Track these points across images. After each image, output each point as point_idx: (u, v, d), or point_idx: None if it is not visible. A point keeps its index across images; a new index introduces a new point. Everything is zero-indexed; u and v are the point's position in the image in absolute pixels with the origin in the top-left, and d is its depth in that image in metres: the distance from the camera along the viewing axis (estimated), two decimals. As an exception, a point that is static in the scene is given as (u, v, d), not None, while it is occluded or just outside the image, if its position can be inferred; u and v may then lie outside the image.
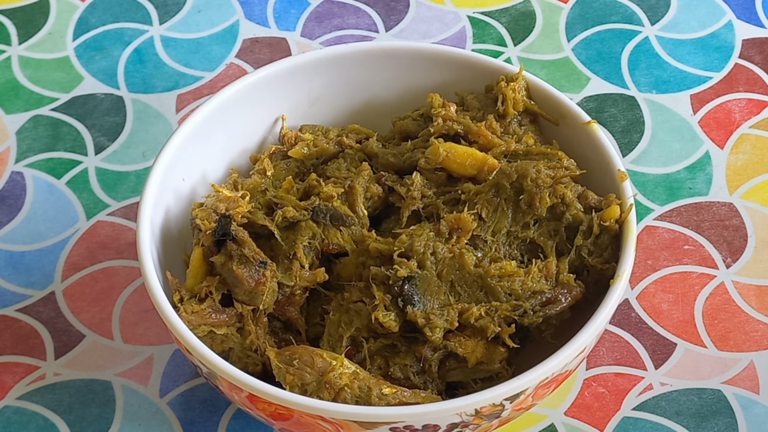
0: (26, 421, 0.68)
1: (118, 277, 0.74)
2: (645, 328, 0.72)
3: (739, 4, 0.89)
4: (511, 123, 0.68)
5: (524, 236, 0.64)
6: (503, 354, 0.61)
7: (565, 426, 0.68)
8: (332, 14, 0.90)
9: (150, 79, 0.86)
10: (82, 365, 0.71)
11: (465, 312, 0.61)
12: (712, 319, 0.72)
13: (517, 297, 0.62)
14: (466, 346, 0.61)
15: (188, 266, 0.64)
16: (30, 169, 0.80)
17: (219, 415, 0.69)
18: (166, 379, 0.70)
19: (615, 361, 0.70)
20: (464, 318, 0.61)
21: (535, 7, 0.90)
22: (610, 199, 0.64)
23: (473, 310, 0.61)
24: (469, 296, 0.62)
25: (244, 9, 0.90)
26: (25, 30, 0.89)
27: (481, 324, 0.61)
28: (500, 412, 0.59)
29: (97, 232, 0.77)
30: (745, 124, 0.82)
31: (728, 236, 0.76)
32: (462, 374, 0.63)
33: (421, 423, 0.57)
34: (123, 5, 0.90)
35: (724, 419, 0.68)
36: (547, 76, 0.85)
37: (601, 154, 0.66)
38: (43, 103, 0.84)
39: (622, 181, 0.64)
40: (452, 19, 0.89)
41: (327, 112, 0.73)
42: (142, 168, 0.80)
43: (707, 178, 0.79)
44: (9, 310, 0.73)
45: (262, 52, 0.87)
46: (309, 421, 0.58)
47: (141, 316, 0.73)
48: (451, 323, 0.61)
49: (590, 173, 0.66)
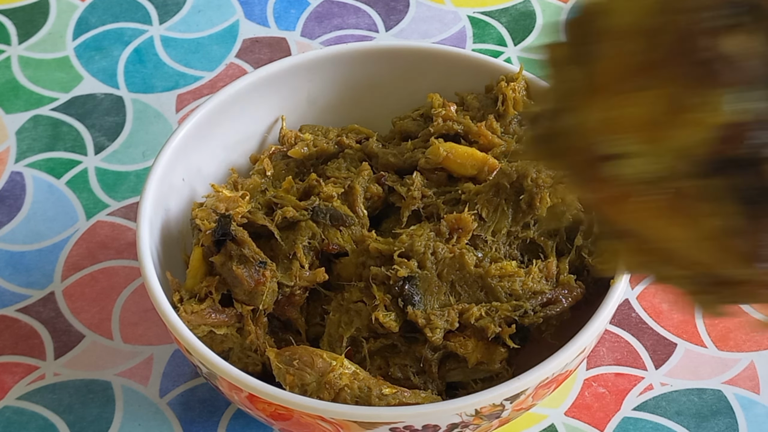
0: (26, 422, 0.68)
1: (118, 277, 0.74)
2: (645, 328, 0.72)
3: (740, 4, 0.89)
4: (511, 123, 0.68)
5: (524, 236, 0.64)
6: (503, 354, 0.61)
7: (566, 426, 0.68)
8: (332, 14, 0.90)
9: (150, 79, 0.86)
10: (81, 365, 0.71)
11: (465, 312, 0.61)
12: (713, 319, 0.72)
13: (517, 297, 0.62)
14: (466, 346, 0.61)
15: (188, 266, 0.64)
16: (30, 169, 0.80)
17: (219, 415, 0.69)
18: (166, 379, 0.70)
19: (615, 361, 0.70)
20: (464, 318, 0.61)
21: (535, 7, 0.90)
22: (610, 199, 0.64)
23: (473, 311, 0.61)
24: (469, 296, 0.62)
25: (244, 9, 0.90)
26: (25, 30, 0.89)
27: (482, 324, 0.61)
28: (500, 412, 0.59)
29: (97, 232, 0.77)
30: (746, 124, 0.82)
31: (728, 236, 0.76)
32: (462, 374, 0.63)
33: (421, 423, 0.57)
34: (123, 5, 0.90)
35: (724, 419, 0.68)
36: (548, 76, 0.85)
37: (601, 154, 0.66)
38: (43, 103, 0.84)
39: (622, 181, 0.64)
40: (452, 19, 0.89)
41: (327, 112, 0.73)
42: (142, 168, 0.80)
43: (707, 178, 0.79)
44: (9, 310, 0.73)
45: (262, 52, 0.87)
46: (309, 421, 0.58)
47: (141, 316, 0.73)
48: (452, 323, 0.61)
49: (590, 173, 0.66)
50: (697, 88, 0.41)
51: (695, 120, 0.41)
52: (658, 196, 0.42)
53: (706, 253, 0.42)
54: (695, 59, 0.40)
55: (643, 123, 0.42)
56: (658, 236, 0.43)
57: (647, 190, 0.42)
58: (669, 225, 0.42)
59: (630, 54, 0.42)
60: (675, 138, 0.41)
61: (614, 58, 0.43)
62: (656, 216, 0.42)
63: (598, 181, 0.42)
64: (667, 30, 0.41)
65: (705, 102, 0.41)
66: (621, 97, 0.42)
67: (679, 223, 0.42)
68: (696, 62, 0.40)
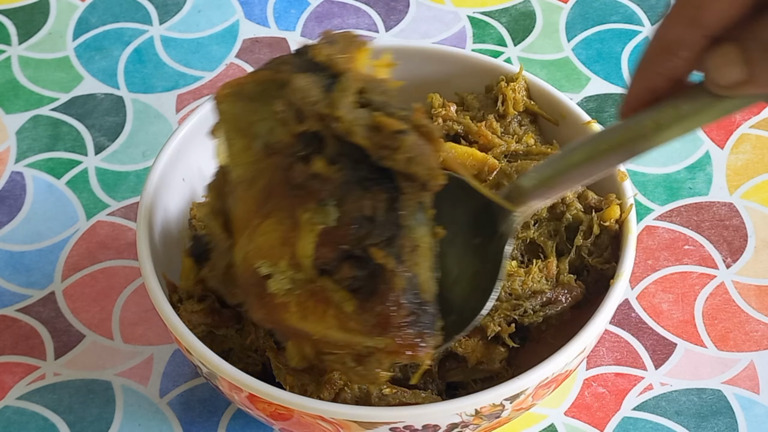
0: (26, 421, 0.68)
1: (118, 277, 0.74)
2: (645, 328, 0.72)
3: (740, 4, 0.89)
4: (511, 123, 0.68)
5: (524, 236, 0.64)
6: (503, 354, 0.61)
7: (566, 426, 0.68)
8: (332, 14, 0.90)
9: (150, 79, 0.86)
10: (82, 365, 0.71)
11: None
12: (712, 319, 0.72)
13: (517, 296, 0.62)
14: (466, 345, 0.61)
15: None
16: (30, 169, 0.80)
17: (219, 415, 0.69)
18: (166, 379, 0.70)
19: (615, 361, 0.70)
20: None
21: (535, 7, 0.90)
22: (610, 199, 0.64)
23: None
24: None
25: (244, 9, 0.90)
26: (25, 30, 0.89)
27: (482, 323, 0.61)
28: (500, 412, 0.59)
29: (97, 232, 0.77)
30: (746, 124, 0.82)
31: (728, 236, 0.76)
32: (462, 374, 0.63)
33: (421, 423, 0.57)
34: (123, 5, 0.90)
35: (724, 419, 0.68)
36: (547, 76, 0.85)
37: (601, 154, 0.66)
38: (43, 103, 0.84)
39: (622, 181, 0.64)
40: (452, 19, 0.89)
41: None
42: (142, 168, 0.80)
43: (707, 178, 0.79)
44: (9, 310, 0.73)
45: (262, 52, 0.87)
46: (309, 421, 0.58)
47: (141, 316, 0.73)
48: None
49: (590, 173, 0.66)
50: (301, 206, 0.52)
51: (304, 232, 0.53)
52: (298, 300, 0.53)
53: (342, 335, 0.53)
54: (294, 184, 0.52)
55: (275, 245, 0.53)
56: (313, 330, 0.53)
57: (290, 297, 0.53)
58: (313, 320, 0.53)
59: (250, 197, 0.54)
60: (296, 251, 0.53)
61: (244, 200, 0.55)
62: (305, 315, 0.53)
63: (267, 296, 0.53)
64: (268, 169, 0.54)
65: (307, 215, 0.52)
66: (258, 228, 0.54)
67: (317, 318, 0.53)
68: (295, 186, 0.52)
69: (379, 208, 0.53)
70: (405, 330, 0.52)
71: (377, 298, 0.52)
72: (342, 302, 0.53)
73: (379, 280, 0.52)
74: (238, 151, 0.56)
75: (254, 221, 0.54)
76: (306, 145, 0.53)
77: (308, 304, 0.53)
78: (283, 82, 0.54)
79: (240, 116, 0.56)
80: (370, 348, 0.53)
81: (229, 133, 0.56)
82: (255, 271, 0.54)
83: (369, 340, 0.53)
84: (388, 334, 0.52)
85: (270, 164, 0.54)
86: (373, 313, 0.52)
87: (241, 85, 0.56)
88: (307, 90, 0.53)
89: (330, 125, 0.52)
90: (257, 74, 0.55)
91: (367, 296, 0.53)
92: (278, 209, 0.54)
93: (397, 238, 0.53)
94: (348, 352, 0.54)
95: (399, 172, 0.52)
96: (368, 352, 0.54)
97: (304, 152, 0.53)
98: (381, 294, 0.52)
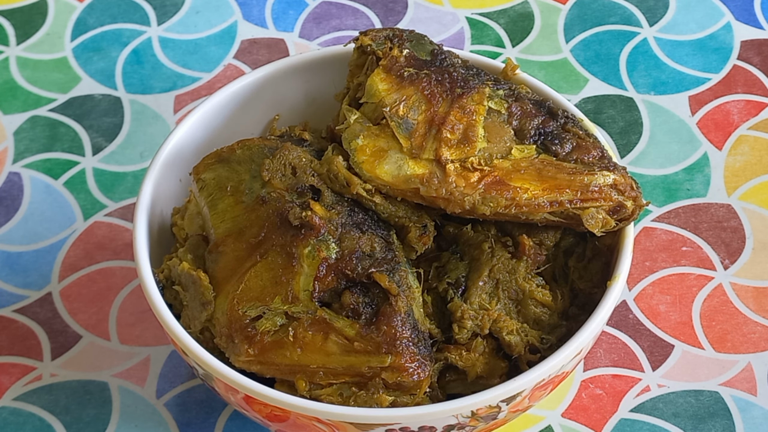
0: (22, 422, 0.68)
1: (115, 277, 0.74)
2: (642, 329, 0.72)
3: (738, 6, 0.89)
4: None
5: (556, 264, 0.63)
6: (503, 368, 0.61)
7: (563, 428, 0.68)
8: (330, 15, 0.90)
9: (148, 79, 0.86)
10: (78, 366, 0.71)
11: (499, 322, 0.60)
12: (710, 321, 0.72)
13: (541, 327, 0.61)
14: (467, 359, 0.60)
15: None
16: (27, 169, 0.80)
17: (215, 416, 0.69)
18: (163, 380, 0.70)
19: (612, 363, 0.70)
20: (496, 326, 0.60)
21: (533, 8, 0.90)
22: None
23: (510, 324, 0.60)
24: (504, 306, 0.61)
25: (242, 10, 0.90)
26: (23, 31, 0.89)
27: (510, 340, 0.60)
28: (497, 414, 0.59)
29: (94, 232, 0.77)
30: (744, 125, 0.82)
31: (726, 238, 0.76)
32: (462, 387, 0.62)
33: (417, 425, 0.57)
34: (121, 6, 0.90)
35: (721, 421, 0.68)
36: (546, 78, 0.85)
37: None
38: (41, 103, 0.84)
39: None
40: (450, 20, 0.89)
41: (324, 114, 0.72)
42: (139, 169, 0.80)
43: (705, 180, 0.79)
44: (6, 311, 0.73)
45: (260, 53, 0.87)
46: (305, 422, 0.58)
47: (138, 317, 0.72)
48: (482, 329, 0.60)
49: (588, 175, 0.66)
50: (301, 243, 0.58)
51: (305, 264, 0.58)
52: (295, 333, 0.57)
53: (345, 359, 0.57)
54: (292, 226, 0.58)
55: (267, 286, 0.58)
56: (311, 361, 0.57)
57: (284, 333, 0.57)
58: (311, 350, 0.57)
59: (241, 245, 0.59)
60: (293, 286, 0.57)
61: (234, 250, 0.60)
62: (302, 346, 0.57)
63: (257, 337, 0.57)
64: (261, 217, 0.59)
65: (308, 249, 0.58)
66: (249, 271, 0.58)
67: (317, 347, 0.57)
68: (294, 227, 0.58)
69: (377, 248, 0.58)
70: (411, 347, 0.57)
71: (382, 318, 0.57)
72: (344, 328, 0.57)
73: (381, 303, 0.57)
74: (225, 208, 0.61)
75: (245, 265, 0.59)
76: (300, 194, 0.59)
77: (306, 336, 0.57)
78: (273, 147, 0.61)
79: (225, 177, 0.62)
80: (374, 369, 0.57)
81: (213, 194, 0.62)
82: (243, 315, 0.58)
83: (374, 359, 0.57)
84: (396, 349, 0.56)
85: (264, 212, 0.59)
86: (379, 332, 0.56)
87: (226, 152, 0.62)
88: (302, 151, 0.61)
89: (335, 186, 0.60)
90: (245, 141, 0.62)
91: (369, 319, 0.57)
92: (273, 249, 0.58)
93: (397, 271, 0.58)
94: (346, 380, 0.57)
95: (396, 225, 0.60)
96: (372, 374, 0.57)
97: (300, 200, 0.59)
98: (386, 314, 0.57)
